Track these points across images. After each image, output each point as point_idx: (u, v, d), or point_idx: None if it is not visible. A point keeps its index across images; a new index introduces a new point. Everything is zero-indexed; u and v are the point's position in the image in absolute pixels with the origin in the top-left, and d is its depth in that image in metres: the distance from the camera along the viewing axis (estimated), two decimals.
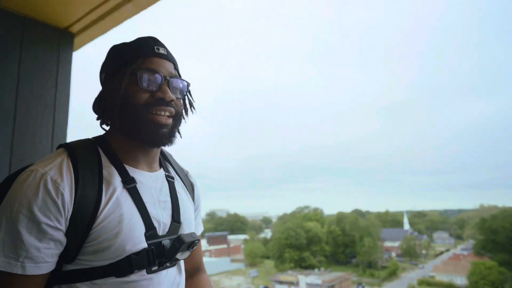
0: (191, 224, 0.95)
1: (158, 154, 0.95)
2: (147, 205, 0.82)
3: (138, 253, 0.77)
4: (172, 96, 0.84)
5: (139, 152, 0.87)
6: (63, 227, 0.72)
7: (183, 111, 0.94)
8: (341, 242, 53.27)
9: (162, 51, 0.86)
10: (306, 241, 51.83)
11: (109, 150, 0.85)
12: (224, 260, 55.11)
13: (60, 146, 0.83)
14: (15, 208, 0.70)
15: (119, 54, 0.87)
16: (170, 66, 0.87)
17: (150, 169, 0.90)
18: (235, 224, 79.94)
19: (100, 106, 0.88)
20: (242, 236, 69.86)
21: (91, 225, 0.74)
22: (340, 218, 56.39)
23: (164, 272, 0.84)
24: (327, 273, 45.94)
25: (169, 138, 0.87)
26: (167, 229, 0.86)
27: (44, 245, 0.71)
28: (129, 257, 0.76)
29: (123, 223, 0.76)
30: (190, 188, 1.05)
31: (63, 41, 2.15)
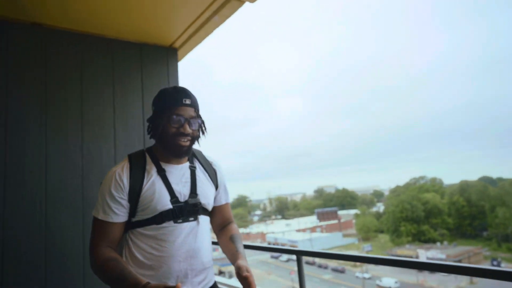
0: (207, 196, 1.46)
1: None
2: (172, 184, 1.38)
3: (166, 211, 1.33)
4: (189, 131, 1.36)
5: (169, 156, 1.40)
6: (126, 197, 1.33)
7: (200, 134, 1.45)
8: (466, 213, 48.17)
9: (187, 102, 1.37)
10: (424, 213, 48.37)
11: (152, 154, 1.42)
12: (336, 235, 55.15)
13: (128, 155, 1.44)
14: (104, 189, 1.34)
15: (163, 100, 1.39)
16: (191, 111, 1.38)
17: (178, 163, 1.43)
18: (345, 199, 78.81)
19: (149, 129, 1.43)
20: (352, 211, 68.68)
21: (139, 195, 1.33)
22: (464, 187, 50.80)
23: (186, 223, 1.37)
24: (451, 247, 42.35)
25: (186, 153, 1.39)
26: (186, 197, 1.39)
27: (119, 207, 1.32)
28: (161, 213, 1.33)
29: (155, 194, 1.33)
30: (213, 173, 1.55)
31: (170, 56, 2.68)
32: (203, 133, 1.47)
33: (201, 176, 1.48)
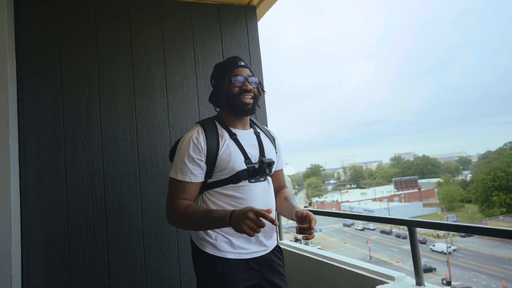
0: (273, 157, 1.57)
1: (247, 120, 1.59)
2: (244, 147, 1.47)
3: (242, 171, 1.43)
4: (250, 87, 1.49)
5: (236, 120, 1.52)
6: (204, 159, 1.42)
7: (258, 93, 1.56)
8: None
9: (242, 63, 1.52)
10: None
11: (220, 121, 1.53)
12: (415, 205, 52.41)
13: (197, 122, 1.54)
14: (183, 153, 1.42)
15: (221, 69, 1.54)
16: (247, 71, 1.52)
17: (244, 128, 1.55)
18: (425, 167, 73.86)
19: (212, 99, 1.58)
20: (434, 180, 64.18)
21: (216, 157, 1.42)
22: None
23: (258, 183, 1.47)
24: None
25: (252, 110, 1.51)
26: (257, 159, 1.49)
27: (196, 168, 1.41)
28: (237, 173, 1.43)
29: (231, 155, 1.43)
30: (272, 139, 1.67)
31: (249, 15, 2.51)
32: (261, 93, 1.59)
33: (265, 140, 1.59)
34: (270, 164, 1.49)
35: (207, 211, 1.34)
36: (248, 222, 1.19)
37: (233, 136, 1.47)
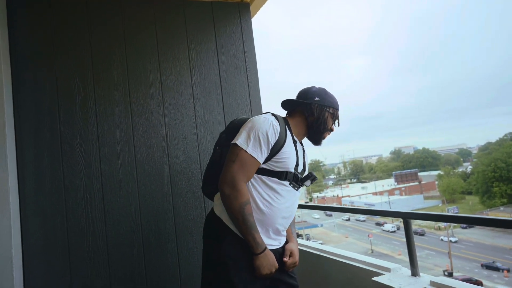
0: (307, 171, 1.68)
1: None
2: (298, 154, 1.58)
3: (291, 172, 1.54)
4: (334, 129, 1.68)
5: (301, 133, 1.65)
6: (272, 145, 1.48)
7: None
8: None
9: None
10: None
11: (288, 124, 1.62)
12: (416, 198, 52.52)
13: (269, 113, 1.62)
14: (260, 130, 1.48)
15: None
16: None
17: (299, 140, 1.66)
18: (425, 160, 73.96)
19: (292, 107, 1.68)
20: (434, 172, 64.26)
21: (279, 150, 1.50)
22: None
23: (294, 189, 1.58)
24: None
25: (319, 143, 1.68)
26: (300, 169, 1.61)
27: (265, 149, 1.48)
28: (287, 172, 1.53)
29: (291, 154, 1.53)
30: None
31: (243, 12, 2.51)
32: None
33: (306, 157, 1.71)
34: (315, 179, 1.62)
35: (254, 226, 1.43)
36: (269, 272, 1.43)
37: (295, 143, 1.59)
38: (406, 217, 1.59)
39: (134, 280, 2.10)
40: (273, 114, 1.59)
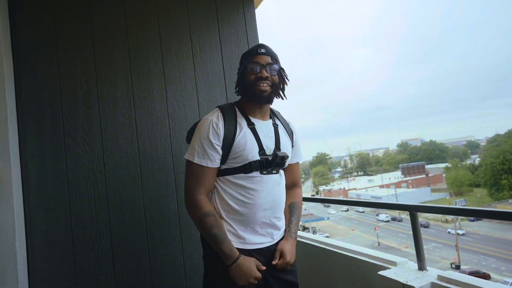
0: (288, 151, 1.54)
1: (268, 110, 1.55)
2: (260, 137, 1.45)
3: (255, 162, 1.42)
4: (267, 74, 1.44)
5: (255, 108, 1.49)
6: (220, 144, 1.40)
7: (281, 82, 1.52)
8: None
9: (262, 50, 1.47)
10: None
11: (240, 108, 1.50)
12: (423, 191, 52.23)
13: (217, 107, 1.52)
14: (201, 136, 1.41)
15: (242, 58, 1.53)
16: (267, 58, 1.46)
17: (263, 118, 1.52)
18: (433, 152, 73.35)
19: (236, 86, 1.55)
20: (442, 165, 63.73)
21: (232, 143, 1.40)
22: None
23: (270, 175, 1.46)
24: None
25: (268, 99, 1.47)
26: (271, 151, 1.47)
27: (214, 153, 1.40)
28: (250, 163, 1.42)
29: (247, 144, 1.41)
30: (290, 132, 1.63)
31: (246, 3, 2.47)
32: (284, 81, 1.54)
33: (282, 133, 1.56)
34: (284, 158, 1.47)
35: (218, 238, 1.36)
36: (247, 283, 1.34)
37: (251, 126, 1.46)
38: (413, 210, 1.55)
39: (138, 273, 2.10)
40: (220, 107, 1.50)
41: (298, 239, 2.49)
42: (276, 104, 1.60)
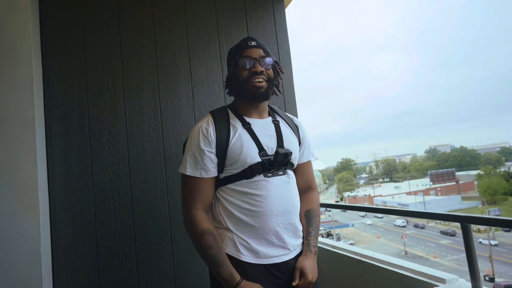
0: (294, 149, 1.39)
1: (265, 107, 1.42)
2: (258, 137, 1.31)
3: (255, 164, 1.27)
4: (261, 69, 1.30)
5: (250, 108, 1.36)
6: (214, 150, 1.28)
7: (276, 76, 1.39)
8: None
9: (253, 43, 1.34)
10: None
11: (234, 109, 1.38)
12: (453, 198, 50.24)
13: (209, 111, 1.40)
14: (192, 146, 1.30)
15: (230, 53, 1.40)
16: (259, 51, 1.33)
17: (260, 117, 1.39)
18: (463, 159, 70.60)
19: (227, 86, 1.41)
20: (473, 172, 61.14)
21: (227, 149, 1.27)
22: None
23: (276, 177, 1.31)
24: None
25: (264, 95, 1.33)
26: (274, 151, 1.32)
27: (208, 161, 1.28)
28: (250, 167, 1.27)
29: (243, 146, 1.27)
30: (295, 128, 1.49)
31: (276, 1, 2.37)
32: (279, 73, 1.42)
33: (285, 129, 1.42)
34: (287, 155, 1.31)
35: (216, 260, 1.22)
36: None
37: (247, 126, 1.32)
38: (465, 222, 1.39)
39: (162, 280, 2.02)
40: (212, 112, 1.38)
41: (322, 246, 2.34)
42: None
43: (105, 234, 1.96)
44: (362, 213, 46.14)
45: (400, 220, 42.37)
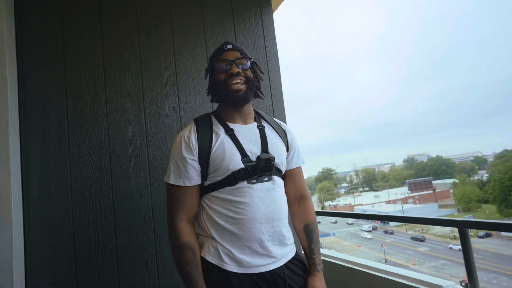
0: (279, 155, 1.35)
1: (249, 112, 1.39)
2: (242, 143, 1.28)
3: (238, 171, 1.24)
4: (238, 69, 1.29)
5: (234, 113, 1.34)
6: (196, 158, 1.26)
7: (255, 78, 1.37)
8: None
9: (228, 46, 1.34)
10: None
11: (217, 115, 1.36)
12: (431, 206, 51.45)
13: (193, 119, 1.38)
14: (175, 154, 1.29)
15: (209, 60, 1.39)
16: (236, 53, 1.32)
17: (245, 122, 1.36)
18: (440, 168, 72.63)
19: (209, 92, 1.42)
20: (449, 180, 62.92)
21: (209, 156, 1.25)
22: None
23: (261, 183, 1.27)
24: None
25: (244, 97, 1.31)
26: (256, 157, 1.28)
27: (190, 169, 1.26)
28: (233, 173, 1.24)
29: (225, 153, 1.25)
30: (283, 133, 1.46)
31: (263, 5, 2.34)
32: (258, 76, 1.40)
33: (271, 134, 1.39)
34: (269, 160, 1.28)
35: (191, 277, 1.19)
36: None
37: (230, 132, 1.29)
38: (463, 226, 1.36)
39: None
40: (195, 119, 1.37)
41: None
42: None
43: (85, 246, 1.84)
44: (350, 221, 46.93)
45: (366, 226, 44.02)
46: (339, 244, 40.52)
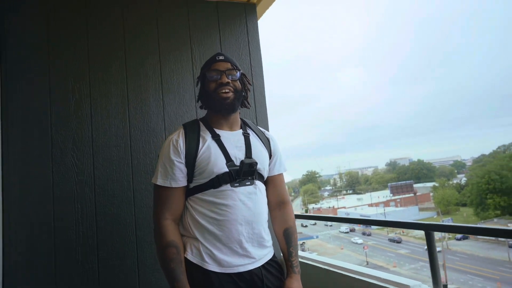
0: (262, 161, 1.43)
1: (236, 120, 1.47)
2: (227, 148, 1.36)
3: (222, 174, 1.32)
4: (228, 79, 1.37)
5: (221, 120, 1.42)
6: (183, 161, 1.33)
7: (244, 88, 1.46)
8: None
9: (220, 57, 1.42)
10: None
11: (205, 121, 1.44)
12: (412, 209, 52.44)
13: (182, 125, 1.45)
14: (164, 157, 1.36)
15: (201, 69, 1.47)
16: (227, 64, 1.41)
17: (231, 129, 1.44)
18: (420, 171, 74.15)
19: (199, 99, 1.49)
20: (429, 184, 64.34)
21: (195, 159, 1.33)
22: None
23: (243, 187, 1.34)
24: None
25: (231, 106, 1.38)
26: (239, 162, 1.35)
27: (177, 171, 1.33)
28: (217, 176, 1.32)
29: (211, 157, 1.33)
30: (266, 141, 1.53)
31: (249, 12, 2.41)
32: (246, 87, 1.48)
33: (255, 141, 1.47)
34: (252, 165, 1.36)
35: (174, 274, 1.26)
36: None
37: (216, 137, 1.38)
38: (429, 229, 1.46)
39: None
40: (184, 124, 1.45)
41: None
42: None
43: (66, 250, 1.85)
44: (329, 223, 47.45)
45: (344, 227, 44.92)
46: (322, 247, 40.89)
